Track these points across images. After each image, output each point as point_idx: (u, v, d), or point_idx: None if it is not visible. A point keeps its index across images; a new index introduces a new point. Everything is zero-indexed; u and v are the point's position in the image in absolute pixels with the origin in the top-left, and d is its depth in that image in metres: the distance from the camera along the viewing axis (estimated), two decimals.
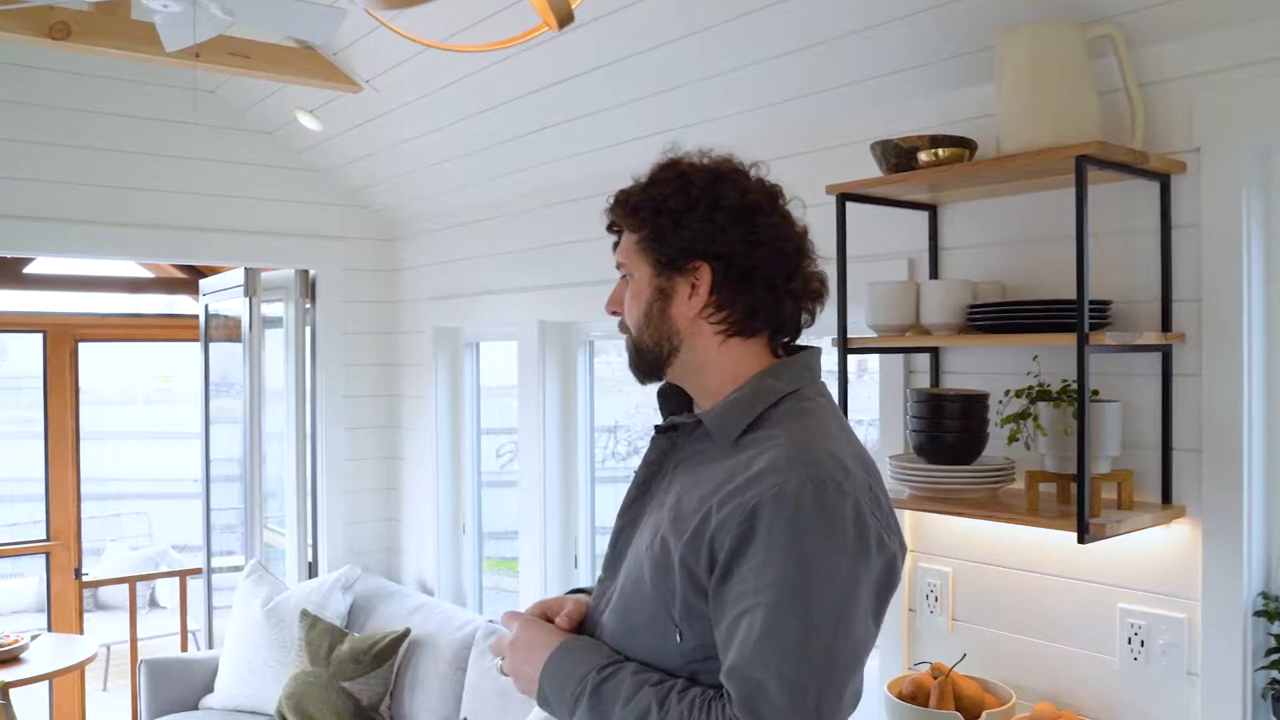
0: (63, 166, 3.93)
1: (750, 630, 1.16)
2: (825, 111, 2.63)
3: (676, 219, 1.33)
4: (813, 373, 1.38)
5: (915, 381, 2.48)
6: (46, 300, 5.50)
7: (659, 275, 1.34)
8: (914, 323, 2.23)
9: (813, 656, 1.15)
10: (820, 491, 1.18)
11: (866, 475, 1.26)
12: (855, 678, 1.21)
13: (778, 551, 1.16)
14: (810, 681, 1.15)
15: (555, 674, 1.31)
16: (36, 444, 5.44)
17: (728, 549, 1.19)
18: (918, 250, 2.44)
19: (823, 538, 1.17)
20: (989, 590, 2.29)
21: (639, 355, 1.38)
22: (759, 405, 1.30)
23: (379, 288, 4.66)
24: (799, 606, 1.15)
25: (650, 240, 1.35)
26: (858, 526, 1.20)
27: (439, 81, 3.35)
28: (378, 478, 4.66)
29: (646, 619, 1.28)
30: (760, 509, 1.18)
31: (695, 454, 1.34)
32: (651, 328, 1.35)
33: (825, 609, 1.16)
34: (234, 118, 4.27)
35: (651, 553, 1.29)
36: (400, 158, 4.03)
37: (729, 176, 1.35)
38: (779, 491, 1.18)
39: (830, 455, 1.23)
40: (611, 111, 3.07)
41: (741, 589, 1.18)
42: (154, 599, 7.22)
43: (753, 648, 1.16)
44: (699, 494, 1.27)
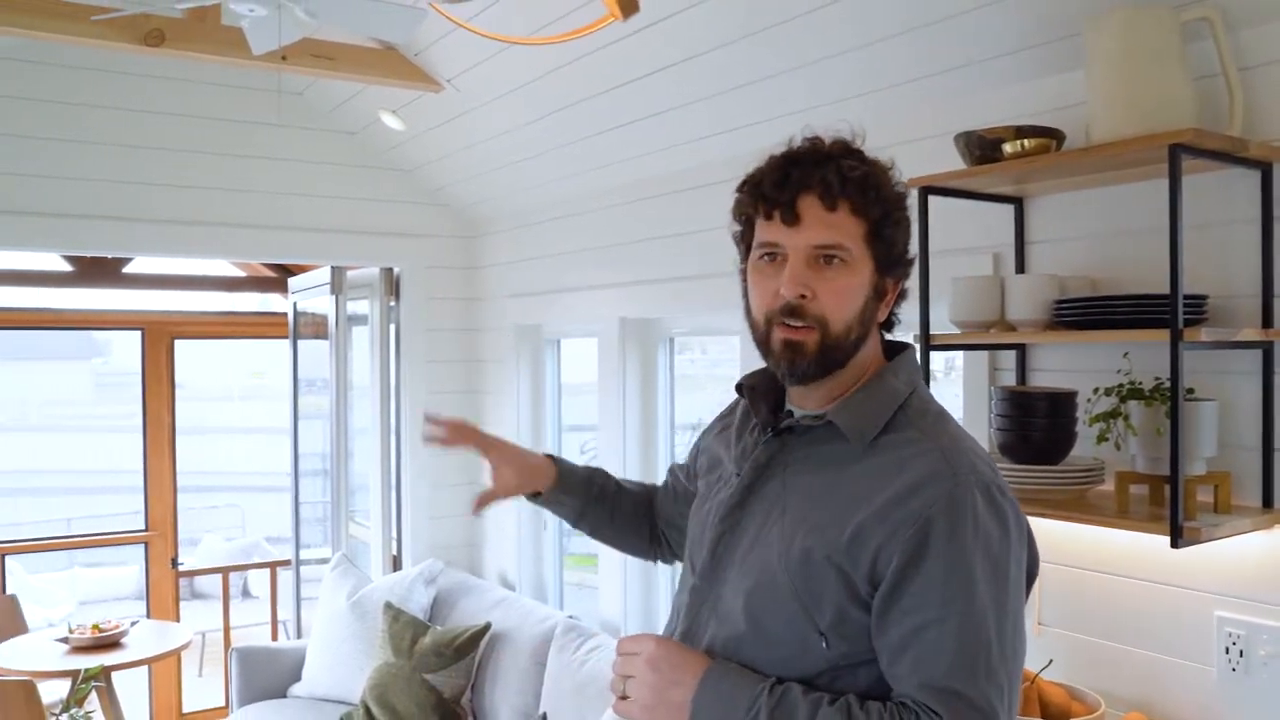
0: (158, 169, 4.06)
1: (942, 643, 1.15)
2: (906, 104, 2.57)
3: (896, 221, 1.29)
4: (919, 370, 1.37)
5: (1000, 379, 2.41)
6: (144, 299, 5.69)
7: (880, 275, 1.28)
8: (999, 319, 2.17)
9: (1006, 663, 1.16)
10: (988, 497, 1.18)
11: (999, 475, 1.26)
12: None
13: (960, 562, 1.15)
14: (1006, 682, 1.16)
15: (712, 700, 1.22)
16: (138, 438, 5.62)
17: (899, 561, 1.17)
18: (1003, 244, 2.37)
19: (999, 542, 1.17)
20: (1077, 594, 2.22)
21: (828, 351, 1.26)
22: (891, 406, 1.27)
23: (461, 285, 4.71)
24: (989, 616, 1.16)
25: (883, 237, 1.27)
26: (1018, 526, 1.21)
27: (517, 80, 3.37)
28: (460, 473, 4.71)
29: (783, 628, 1.24)
30: (934, 519, 1.16)
31: (811, 456, 1.30)
32: (860, 326, 1.27)
33: (1007, 614, 1.17)
34: (320, 119, 4.36)
35: (788, 561, 1.24)
36: (481, 156, 4.07)
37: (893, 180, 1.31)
38: (950, 499, 1.17)
39: (980, 457, 1.23)
40: (687, 108, 3.05)
41: (921, 601, 1.16)
42: (246, 589, 7.43)
43: (950, 661, 1.15)
44: (839, 500, 1.23)
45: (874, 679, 1.22)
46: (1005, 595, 1.17)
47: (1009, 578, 1.18)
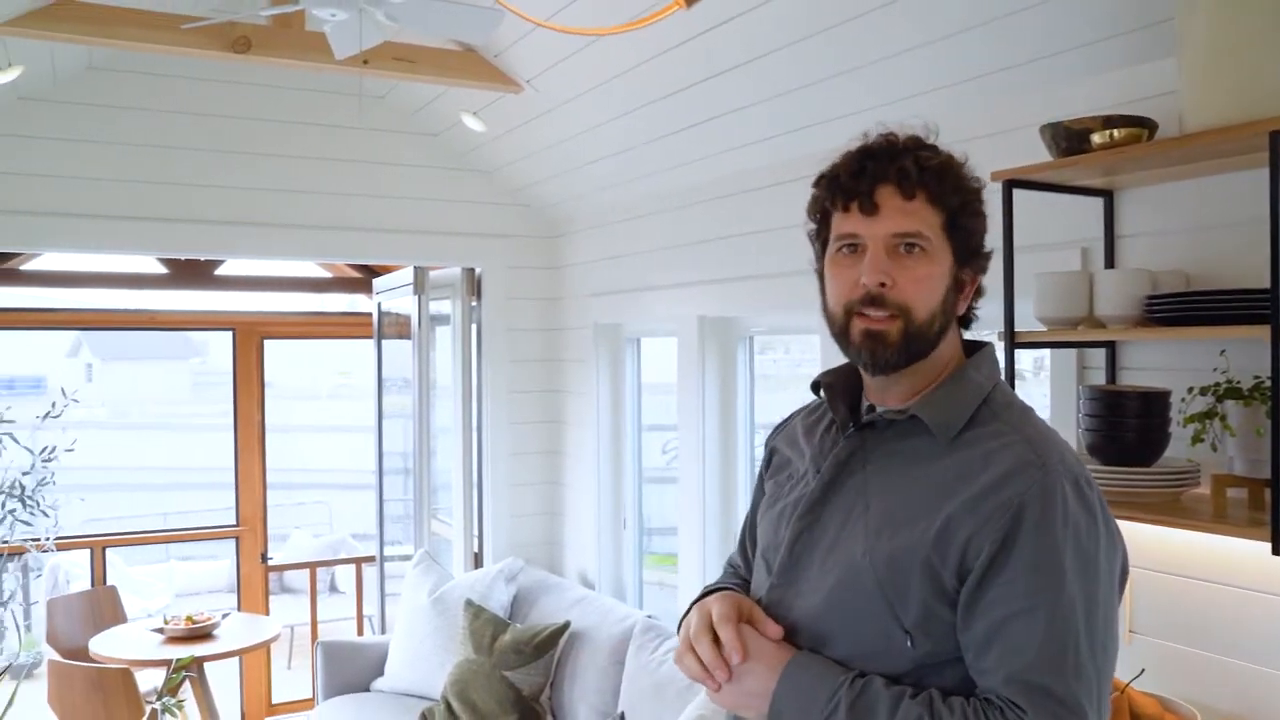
0: (247, 173, 4.17)
1: (1029, 634, 1.13)
2: (988, 96, 2.51)
3: (974, 213, 1.28)
4: (999, 366, 1.35)
5: (1090, 378, 2.34)
6: (235, 300, 5.85)
7: (960, 266, 1.28)
8: (1087, 315, 2.10)
9: (1095, 656, 1.14)
10: (1077, 488, 1.17)
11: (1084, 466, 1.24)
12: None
13: (1049, 552, 1.14)
14: (1095, 679, 1.14)
15: (794, 692, 1.22)
16: (231, 435, 5.77)
17: (989, 551, 1.15)
18: (1092, 239, 2.29)
19: (1089, 535, 1.16)
20: (1171, 601, 2.14)
21: (911, 341, 1.25)
22: (974, 401, 1.26)
23: (542, 284, 4.74)
24: (1078, 608, 1.14)
25: (963, 228, 1.27)
26: (1106, 521, 1.20)
27: (595, 80, 3.38)
28: (541, 472, 4.75)
29: (867, 625, 1.22)
30: (1025, 508, 1.15)
31: (894, 452, 1.28)
32: (942, 317, 1.26)
33: (1098, 607, 1.15)
34: (403, 121, 4.43)
35: (873, 558, 1.22)
36: (560, 156, 4.09)
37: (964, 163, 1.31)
38: (1042, 490, 1.15)
39: (1067, 447, 1.22)
40: (762, 105, 3.02)
41: (1008, 591, 1.15)
42: (334, 584, 7.58)
43: (1036, 653, 1.13)
44: (924, 495, 1.21)
45: (960, 678, 1.20)
46: (1095, 588, 1.15)
47: (1099, 571, 1.16)
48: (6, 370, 18.08)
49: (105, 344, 16.87)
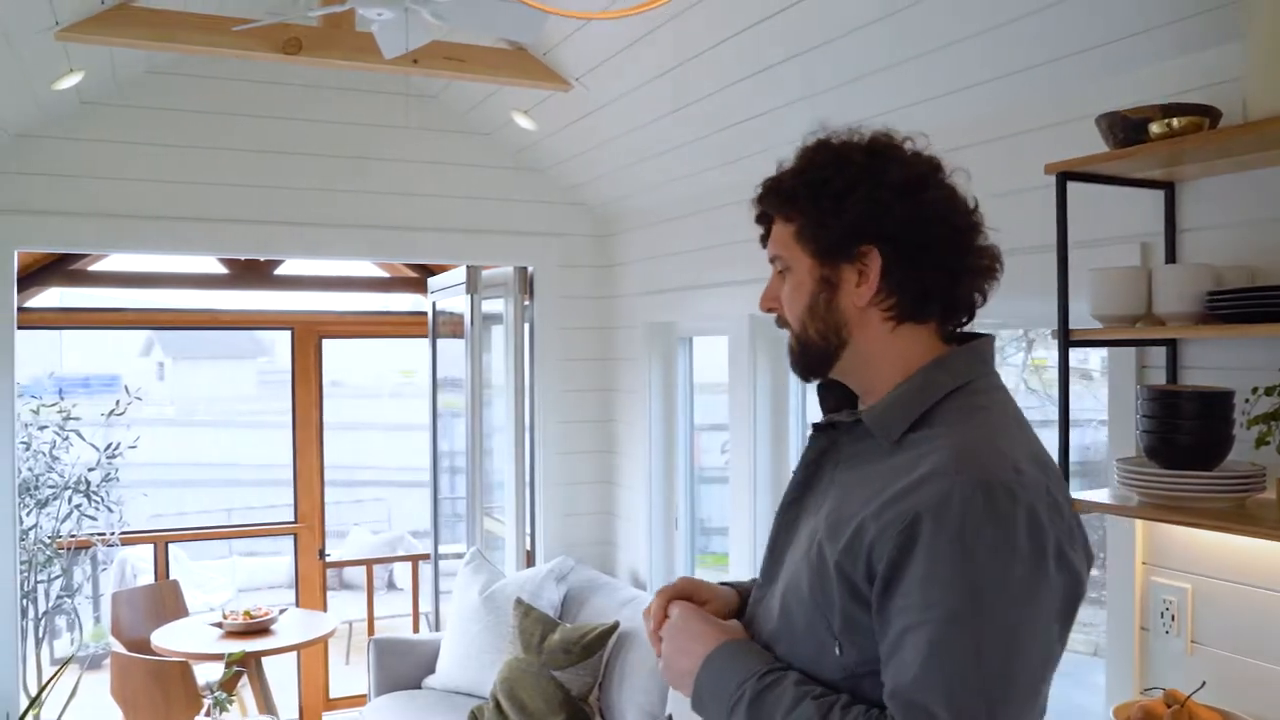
0: (303, 174, 4.21)
1: (915, 650, 1.07)
2: (1043, 86, 2.43)
3: (838, 201, 1.22)
4: (986, 363, 1.26)
5: (1150, 378, 2.25)
6: (295, 300, 5.93)
7: (823, 265, 1.24)
8: (1145, 312, 2.02)
9: (985, 681, 1.05)
10: (989, 497, 1.08)
11: (1044, 477, 1.13)
12: (1035, 704, 1.10)
13: (944, 564, 1.07)
14: (982, 709, 1.05)
15: (714, 675, 1.23)
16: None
17: (888, 560, 1.10)
18: (1151, 233, 2.21)
19: (994, 548, 1.07)
20: (1234, 611, 2.05)
21: (804, 353, 1.28)
22: (924, 401, 1.20)
23: (594, 283, 4.72)
24: (969, 625, 1.06)
25: (809, 228, 1.25)
26: (1032, 535, 1.08)
27: (644, 76, 3.35)
28: (593, 471, 4.73)
29: (804, 629, 1.21)
30: (922, 517, 1.08)
31: (856, 454, 1.25)
32: (818, 321, 1.25)
33: (998, 628, 1.06)
34: (455, 121, 4.44)
35: (809, 560, 1.21)
36: (611, 154, 4.07)
37: (889, 151, 1.25)
38: (943, 498, 1.08)
39: (1002, 455, 1.12)
40: (815, 99, 2.96)
41: (905, 603, 1.09)
42: (392, 581, 7.66)
43: (919, 669, 1.07)
44: (859, 498, 1.18)
45: None
46: (1001, 606, 1.06)
47: (1006, 590, 1.07)
48: (83, 369, 18.57)
49: (175, 343, 17.25)
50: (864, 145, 1.26)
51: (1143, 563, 2.24)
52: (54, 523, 4.77)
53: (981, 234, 1.26)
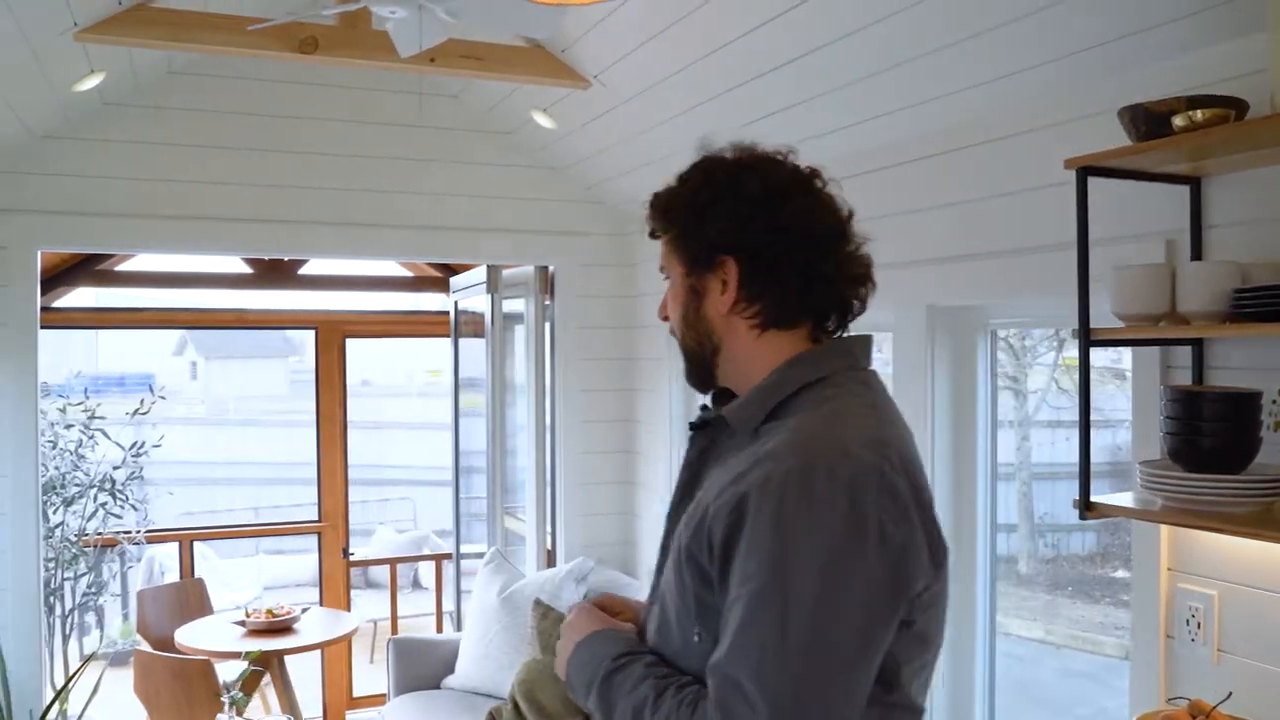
0: (325, 174, 4.21)
1: (731, 624, 1.12)
2: (1065, 79, 2.38)
3: (701, 215, 1.30)
4: (849, 358, 1.31)
5: (1175, 378, 2.19)
6: (320, 299, 5.95)
7: (691, 274, 1.32)
8: (1169, 311, 1.96)
9: (791, 656, 1.08)
10: (807, 477, 1.12)
11: (881, 459, 1.16)
12: (853, 684, 1.11)
13: (759, 542, 1.12)
14: (786, 684, 1.07)
15: (579, 659, 1.31)
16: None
17: (720, 540, 1.16)
18: (1177, 229, 2.14)
19: (807, 527, 1.11)
20: (1263, 619, 1.98)
21: (688, 360, 1.37)
22: (778, 395, 1.26)
23: (615, 282, 4.69)
24: (777, 601, 1.09)
25: (679, 240, 1.33)
26: (851, 513, 1.11)
27: (663, 72, 3.32)
28: (614, 471, 4.70)
29: (675, 622, 1.26)
30: (747, 498, 1.14)
31: (727, 450, 1.31)
32: (691, 329, 1.33)
33: (806, 605, 1.09)
34: (476, 120, 4.43)
35: (673, 552, 1.28)
36: (631, 152, 4.04)
37: (753, 165, 1.32)
38: (765, 479, 1.13)
39: (832, 439, 1.17)
40: (835, 94, 2.92)
41: (732, 580, 1.15)
42: (417, 580, 7.67)
43: (730, 642, 1.12)
44: (716, 488, 1.22)
45: None
46: (809, 583, 1.09)
47: (815, 568, 1.09)
48: (118, 368, 18.82)
49: (207, 343, 17.41)
50: (730, 160, 1.33)
51: (1168, 568, 2.18)
52: (80, 521, 4.81)
53: (849, 243, 1.32)
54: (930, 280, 2.86)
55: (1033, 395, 5.34)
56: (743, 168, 1.31)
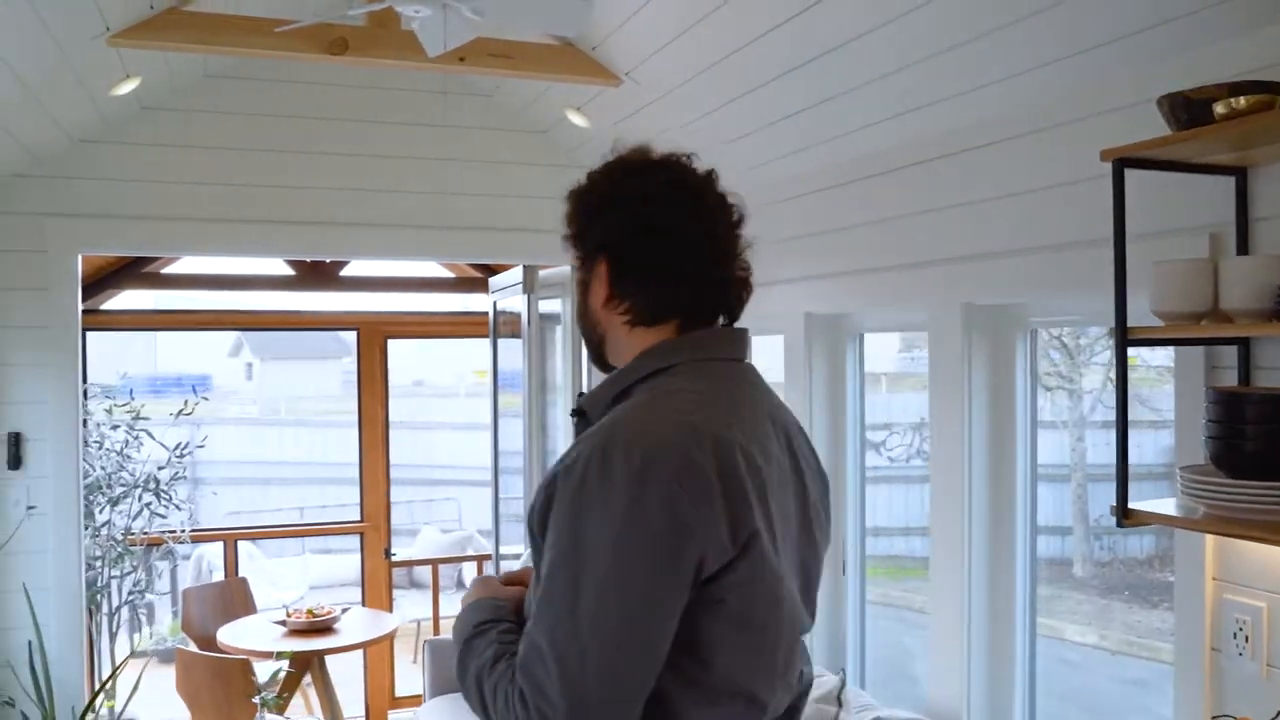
0: (362, 175, 4.22)
1: (538, 592, 1.21)
2: (1105, 68, 2.28)
3: (585, 216, 1.40)
4: (701, 350, 1.35)
5: (1220, 379, 2.09)
6: (362, 301, 5.98)
7: (579, 269, 1.42)
8: (1211, 309, 1.87)
9: (579, 622, 1.15)
10: (607, 456, 1.18)
11: (687, 441, 1.20)
12: (636, 649, 1.16)
13: (561, 516, 1.19)
14: (574, 649, 1.14)
15: (455, 626, 1.40)
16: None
17: (538, 515, 1.25)
18: (1222, 222, 2.05)
19: (600, 503, 1.17)
20: None
21: (585, 345, 1.47)
22: (624, 382, 1.34)
23: None
24: (570, 571, 1.17)
25: (570, 239, 1.43)
26: (640, 491, 1.16)
27: (694, 68, 3.26)
28: None
29: (530, 590, 1.32)
30: (557, 475, 1.22)
31: None
32: (582, 320, 1.44)
33: (594, 574, 1.16)
34: (510, 119, 4.41)
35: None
36: (663, 149, 3.98)
37: (639, 170, 1.40)
38: (575, 458, 1.20)
39: (641, 421, 1.24)
40: (867, 87, 2.84)
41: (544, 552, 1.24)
42: (461, 580, 7.68)
43: (534, 609, 1.20)
44: None
45: None
46: (597, 554, 1.16)
47: (603, 541, 1.16)
48: (175, 368, 19.16)
49: (262, 344, 17.64)
50: (619, 163, 1.42)
51: (1213, 578, 2.08)
52: (126, 520, 4.87)
53: (721, 246, 1.39)
54: (966, 278, 2.78)
55: (1087, 395, 5.20)
56: (627, 173, 1.40)
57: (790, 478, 1.33)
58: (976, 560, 2.80)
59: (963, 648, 2.79)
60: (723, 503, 1.18)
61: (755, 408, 1.33)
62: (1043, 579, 4.39)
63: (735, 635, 1.21)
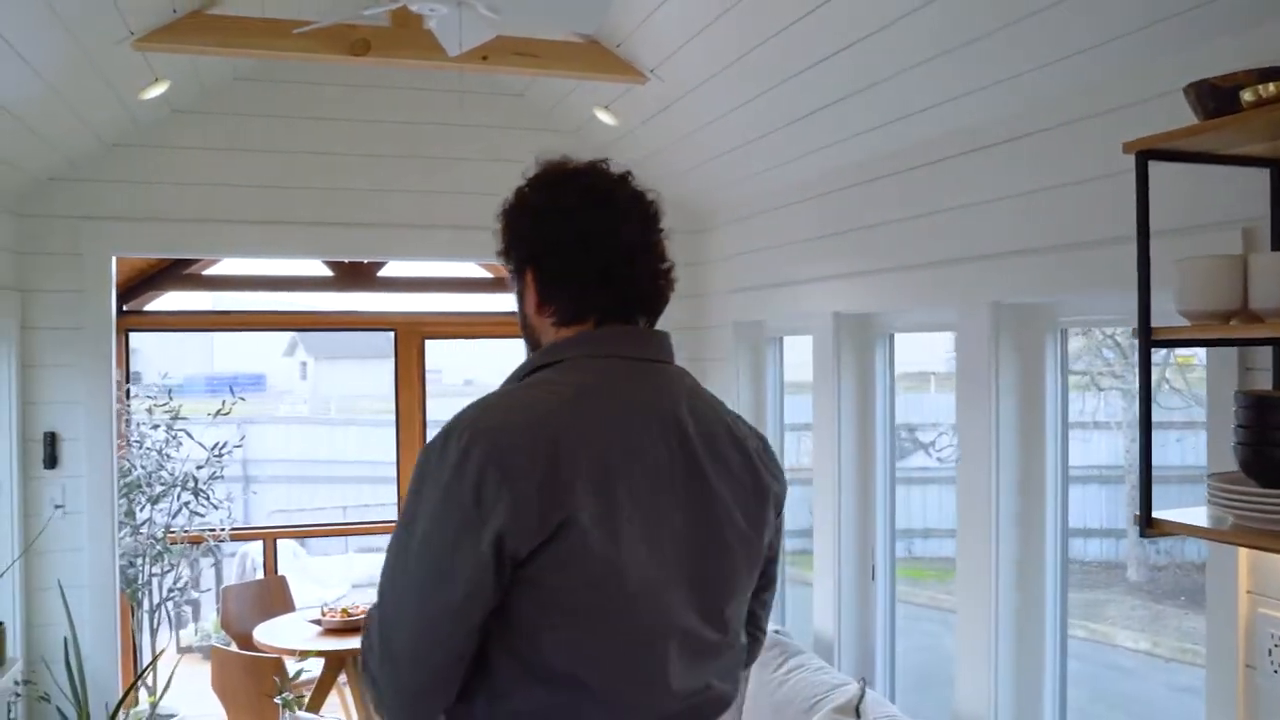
0: (395, 176, 4.22)
1: None
2: (1136, 58, 2.19)
3: (510, 231, 1.49)
4: (592, 346, 1.43)
5: (1253, 381, 1.99)
6: (400, 301, 5.99)
7: (513, 280, 1.50)
8: (1241, 307, 1.77)
9: (395, 577, 1.31)
10: (445, 438, 1.30)
11: (518, 429, 1.28)
12: (434, 609, 1.27)
13: (410, 489, 1.33)
14: (390, 605, 1.31)
15: None
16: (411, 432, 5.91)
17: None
18: (1256, 217, 1.95)
19: (427, 479, 1.29)
20: None
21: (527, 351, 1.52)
22: (518, 374, 1.45)
23: (685, 281, 4.52)
24: (400, 537, 1.32)
25: (501, 253, 1.51)
26: (459, 471, 1.26)
27: (720, 62, 3.21)
28: None
29: None
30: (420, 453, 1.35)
31: None
32: (522, 326, 1.51)
33: (412, 539, 1.29)
34: (540, 119, 4.38)
35: None
36: (693, 148, 3.93)
37: (553, 182, 1.49)
38: (431, 440, 1.33)
39: (486, 410, 1.33)
40: (894, 80, 2.77)
41: None
42: None
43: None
44: None
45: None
46: (418, 524, 1.29)
47: (425, 510, 1.29)
48: (232, 368, 19.50)
49: (316, 343, 17.84)
50: (539, 176, 1.50)
51: (1247, 591, 1.98)
52: (166, 518, 4.93)
53: (633, 245, 1.47)
54: (994, 276, 2.69)
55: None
56: (543, 185, 1.49)
57: (675, 477, 1.36)
58: (1004, 563, 2.71)
59: (989, 653, 2.71)
60: (535, 487, 1.25)
61: (635, 405, 1.38)
62: (1096, 583, 4.26)
63: (558, 619, 1.28)
